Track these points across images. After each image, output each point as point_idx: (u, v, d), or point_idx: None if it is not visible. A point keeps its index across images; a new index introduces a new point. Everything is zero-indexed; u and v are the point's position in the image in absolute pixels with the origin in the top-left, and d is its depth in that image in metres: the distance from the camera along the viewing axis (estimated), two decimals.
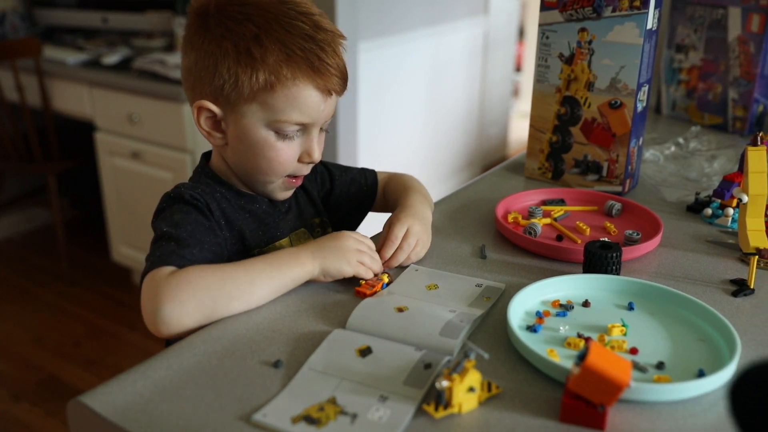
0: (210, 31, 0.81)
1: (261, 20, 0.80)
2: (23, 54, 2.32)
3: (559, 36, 1.11)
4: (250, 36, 0.79)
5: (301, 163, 0.87)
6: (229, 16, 0.81)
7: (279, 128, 0.83)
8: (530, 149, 1.20)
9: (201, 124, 0.85)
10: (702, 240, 0.97)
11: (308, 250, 0.80)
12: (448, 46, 3.18)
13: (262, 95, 0.81)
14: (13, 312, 2.49)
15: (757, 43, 1.37)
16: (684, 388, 0.62)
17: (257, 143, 0.83)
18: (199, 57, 0.82)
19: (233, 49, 0.80)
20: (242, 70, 0.80)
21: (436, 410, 0.59)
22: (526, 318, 0.75)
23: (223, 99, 0.82)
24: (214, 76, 0.81)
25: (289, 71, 0.80)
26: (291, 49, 0.80)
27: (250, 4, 0.81)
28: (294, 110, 0.82)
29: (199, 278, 0.72)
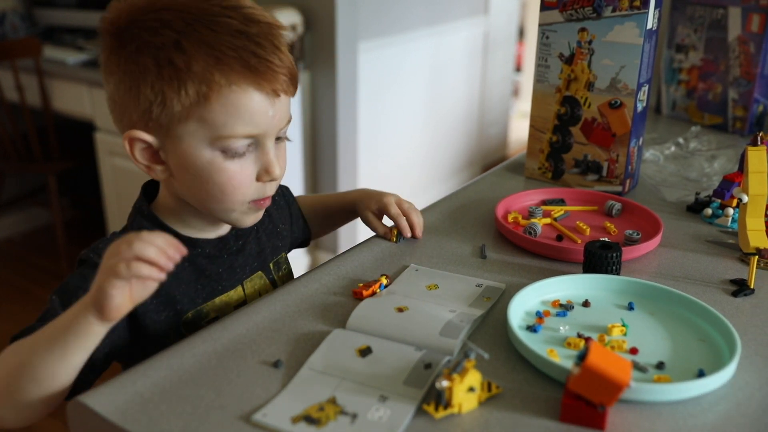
0: (125, 48, 0.69)
1: (180, 23, 0.68)
2: (23, 54, 2.32)
3: (559, 36, 1.11)
4: (170, 43, 0.67)
5: (261, 182, 0.75)
6: (143, 27, 0.69)
7: (225, 146, 0.70)
8: (530, 149, 1.20)
9: (137, 157, 0.72)
10: (702, 240, 0.97)
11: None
12: (448, 46, 3.18)
13: (197, 110, 0.69)
14: (13, 312, 2.49)
15: (757, 43, 1.37)
16: (684, 388, 0.62)
17: (203, 168, 0.71)
18: (120, 80, 0.70)
19: (153, 62, 0.68)
20: (168, 85, 0.68)
21: (436, 410, 0.59)
22: (526, 318, 0.75)
23: (154, 123, 0.70)
24: (138, 99, 0.69)
25: (222, 76, 0.68)
26: (220, 50, 0.68)
27: (166, 9, 0.69)
28: (238, 121, 0.69)
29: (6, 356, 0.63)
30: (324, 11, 2.28)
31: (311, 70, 2.38)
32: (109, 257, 0.60)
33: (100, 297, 0.59)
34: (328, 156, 2.46)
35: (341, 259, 0.90)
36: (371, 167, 2.76)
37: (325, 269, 0.87)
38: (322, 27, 2.31)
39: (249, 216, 0.77)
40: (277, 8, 2.17)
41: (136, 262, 0.58)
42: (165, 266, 0.60)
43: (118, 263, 0.58)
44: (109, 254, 0.60)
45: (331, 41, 2.31)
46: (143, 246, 0.58)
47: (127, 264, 0.58)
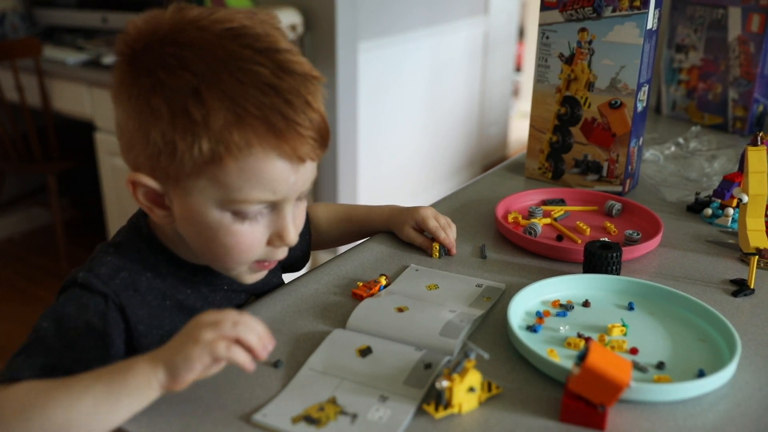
0: (138, 81, 0.61)
1: (202, 66, 0.59)
2: (23, 54, 2.32)
3: (559, 36, 1.11)
4: (187, 89, 0.59)
5: (272, 246, 0.68)
6: (161, 62, 0.60)
7: (237, 209, 0.63)
8: (530, 149, 1.20)
9: (138, 198, 0.66)
10: (702, 240, 0.97)
11: (153, 351, 0.58)
12: (448, 46, 3.18)
13: (210, 169, 0.61)
14: (12, 312, 2.49)
15: (757, 43, 1.37)
16: (684, 388, 0.62)
17: (210, 227, 0.64)
18: (129, 116, 0.63)
19: (166, 108, 0.60)
20: (180, 137, 0.60)
21: (436, 410, 0.59)
22: (526, 318, 0.75)
23: (161, 172, 0.63)
24: (147, 142, 0.62)
25: (241, 137, 0.60)
26: (243, 107, 0.59)
27: (190, 44, 0.61)
28: (255, 187, 0.62)
29: (17, 398, 0.56)
30: (324, 11, 2.28)
31: None
32: (204, 328, 0.56)
33: (181, 366, 0.55)
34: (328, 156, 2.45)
35: (341, 259, 0.90)
36: (371, 167, 2.76)
37: (325, 269, 0.87)
38: (322, 27, 2.31)
39: (251, 275, 0.71)
40: (277, 8, 2.18)
41: (236, 346, 0.56)
42: (260, 356, 0.58)
43: (218, 341, 0.56)
44: (204, 325, 0.57)
45: (331, 41, 2.31)
46: (247, 331, 0.57)
47: (228, 345, 0.56)
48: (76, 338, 0.63)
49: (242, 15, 0.64)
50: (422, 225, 0.92)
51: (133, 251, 0.70)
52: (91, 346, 0.64)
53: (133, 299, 0.68)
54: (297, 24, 2.21)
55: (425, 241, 0.92)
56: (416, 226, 0.92)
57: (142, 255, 0.70)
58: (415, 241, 0.92)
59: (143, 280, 0.69)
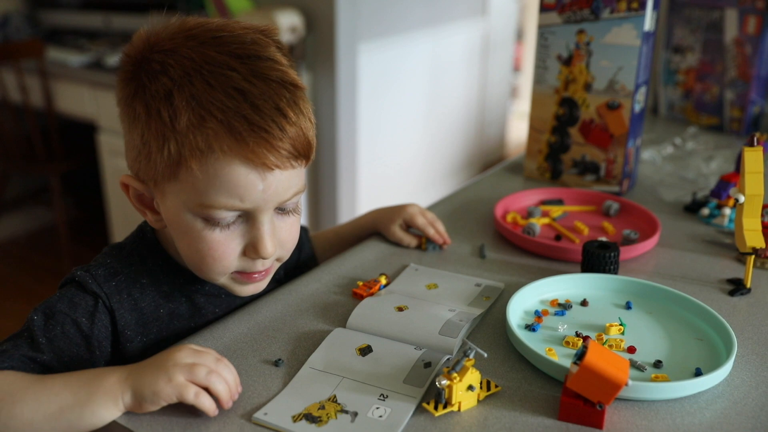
0: (128, 86, 0.64)
1: (178, 71, 0.60)
2: (27, 55, 2.33)
3: (558, 37, 1.12)
4: (162, 93, 0.60)
5: (248, 257, 0.66)
6: (147, 68, 0.62)
7: (207, 215, 0.62)
8: (529, 150, 1.21)
9: (132, 200, 0.68)
10: (699, 240, 0.98)
11: (125, 368, 0.59)
12: (448, 48, 3.18)
13: (178, 171, 0.61)
14: (16, 311, 2.50)
15: (754, 44, 1.38)
16: (681, 386, 0.62)
17: (186, 232, 0.64)
18: (121, 119, 0.66)
19: (144, 110, 0.61)
20: (154, 139, 0.61)
21: (435, 409, 0.60)
22: (524, 317, 0.75)
23: (143, 174, 0.65)
24: (132, 145, 0.64)
25: (203, 140, 0.59)
26: (207, 110, 0.59)
27: (174, 51, 0.61)
28: (219, 192, 0.61)
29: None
30: (324, 13, 2.29)
31: (312, 71, 2.39)
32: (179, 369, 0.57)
33: (148, 399, 0.57)
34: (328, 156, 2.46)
35: (341, 259, 0.90)
36: (371, 167, 2.77)
37: (326, 269, 0.87)
38: (322, 28, 2.32)
39: (241, 287, 0.69)
40: (278, 9, 2.18)
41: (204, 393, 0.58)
42: (225, 406, 0.59)
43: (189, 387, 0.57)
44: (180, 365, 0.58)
45: (332, 42, 2.31)
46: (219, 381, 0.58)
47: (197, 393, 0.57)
48: (61, 335, 0.64)
49: (240, 25, 0.64)
50: (411, 222, 0.93)
51: (134, 256, 0.71)
52: (74, 344, 0.65)
53: (125, 303, 0.69)
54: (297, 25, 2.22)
55: (413, 239, 0.93)
56: (403, 225, 0.94)
57: (142, 260, 0.71)
58: (403, 241, 0.93)
59: (138, 287, 0.70)
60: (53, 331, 0.64)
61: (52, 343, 0.64)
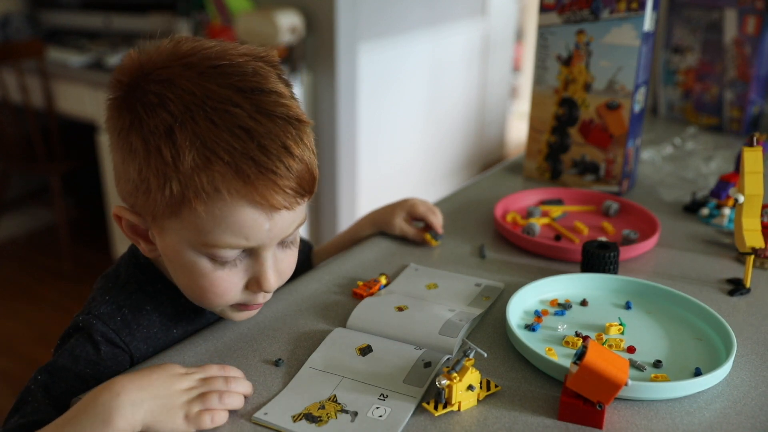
0: (121, 116, 0.60)
1: (179, 106, 0.57)
2: (27, 55, 2.33)
3: (558, 38, 1.12)
4: (162, 129, 0.57)
5: (251, 291, 0.65)
6: (143, 99, 0.59)
7: (211, 253, 0.61)
8: (529, 150, 1.21)
9: (126, 230, 0.66)
10: (699, 240, 0.98)
11: (126, 396, 0.54)
12: (448, 48, 3.18)
13: (181, 210, 0.59)
14: (17, 310, 2.50)
15: (753, 44, 1.38)
16: (681, 386, 0.63)
17: (186, 267, 0.63)
18: (114, 149, 0.63)
19: (143, 145, 0.58)
20: (153, 176, 0.58)
21: (435, 408, 0.60)
22: (524, 317, 0.75)
23: (140, 207, 0.62)
24: (127, 178, 0.61)
25: (209, 183, 0.57)
26: (213, 151, 0.56)
27: (171, 82, 0.58)
28: (225, 232, 0.59)
29: None
30: (324, 13, 2.29)
31: (312, 72, 2.39)
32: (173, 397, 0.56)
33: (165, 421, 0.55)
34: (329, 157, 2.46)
35: (341, 258, 0.90)
36: (371, 167, 2.77)
37: (326, 269, 0.87)
38: (322, 29, 2.32)
39: (237, 314, 0.69)
40: (278, 9, 2.18)
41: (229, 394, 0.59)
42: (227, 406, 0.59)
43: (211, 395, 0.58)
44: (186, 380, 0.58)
45: (332, 43, 2.31)
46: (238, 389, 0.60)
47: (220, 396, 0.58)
48: (65, 393, 0.62)
49: (238, 51, 0.61)
50: (413, 212, 0.94)
51: (131, 284, 0.69)
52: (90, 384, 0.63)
53: (137, 335, 0.67)
54: (297, 25, 2.22)
55: (418, 232, 0.94)
56: (407, 218, 0.95)
57: (140, 287, 0.69)
58: (409, 233, 0.94)
59: (145, 314, 0.68)
60: (57, 390, 0.62)
61: (57, 402, 0.62)
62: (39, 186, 3.00)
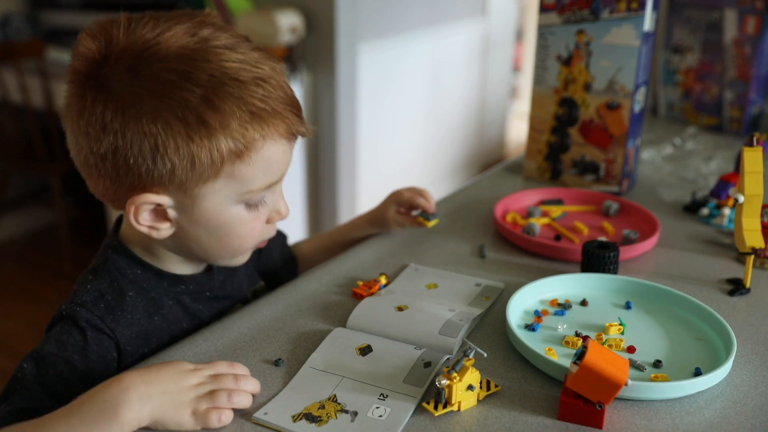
0: (132, 104, 0.62)
1: (201, 75, 0.62)
2: (27, 55, 2.33)
3: (558, 38, 1.12)
4: (197, 99, 0.61)
5: (270, 223, 0.74)
6: (155, 79, 0.62)
7: (249, 199, 0.68)
8: (529, 150, 1.21)
9: (140, 221, 0.66)
10: (699, 240, 0.98)
11: (135, 390, 0.55)
12: (448, 48, 3.18)
13: (228, 167, 0.65)
14: (17, 311, 2.50)
15: (753, 44, 1.38)
16: (681, 386, 0.63)
17: (226, 223, 0.68)
18: (124, 141, 0.62)
19: (178, 121, 0.61)
20: (197, 146, 0.62)
21: (435, 408, 0.60)
22: (524, 317, 0.75)
23: (174, 186, 0.65)
24: (155, 162, 0.63)
25: (256, 131, 0.64)
26: (251, 104, 0.63)
27: (174, 57, 0.62)
28: (266, 173, 0.67)
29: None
30: (324, 13, 2.29)
31: (312, 72, 2.39)
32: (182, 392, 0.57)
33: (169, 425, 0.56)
34: (329, 156, 2.46)
35: (341, 258, 0.91)
36: (371, 167, 2.77)
37: (326, 269, 0.87)
38: (322, 29, 2.32)
39: (246, 256, 0.76)
40: (278, 10, 2.18)
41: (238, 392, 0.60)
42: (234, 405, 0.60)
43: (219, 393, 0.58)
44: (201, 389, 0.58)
45: (332, 43, 2.32)
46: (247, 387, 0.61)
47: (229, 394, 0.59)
48: (55, 378, 0.63)
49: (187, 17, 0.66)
50: (401, 200, 0.94)
51: (112, 271, 0.70)
52: (71, 384, 0.63)
53: (122, 321, 0.68)
54: (297, 25, 2.22)
55: (412, 219, 0.94)
56: (399, 209, 0.95)
57: (121, 273, 0.71)
58: (404, 223, 0.94)
59: (127, 300, 0.70)
60: (46, 376, 0.63)
61: (48, 388, 0.62)
62: (39, 186, 3.00)
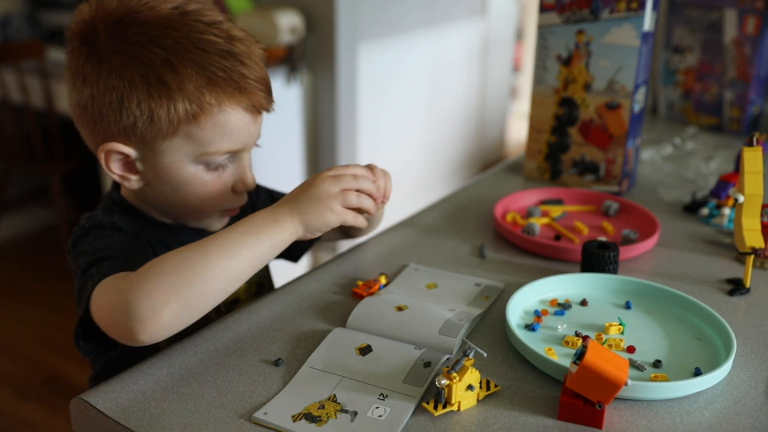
0: (107, 60, 0.69)
1: (168, 40, 0.69)
2: (27, 55, 2.33)
3: (557, 38, 1.12)
4: (160, 61, 0.68)
5: (235, 193, 0.77)
6: (128, 40, 0.69)
7: (208, 161, 0.73)
8: (529, 150, 1.21)
9: (111, 168, 0.73)
10: (699, 240, 0.98)
11: (284, 206, 0.67)
12: (447, 48, 3.18)
13: (185, 127, 0.70)
14: (17, 311, 2.50)
15: (753, 44, 1.38)
16: (681, 386, 0.63)
17: (185, 181, 0.73)
18: (98, 92, 0.70)
19: (141, 79, 0.68)
20: (156, 104, 0.68)
21: (435, 408, 0.60)
22: (524, 317, 0.75)
23: (137, 138, 0.71)
24: (121, 114, 0.69)
25: (212, 97, 0.69)
26: (210, 71, 0.69)
27: (149, 23, 0.69)
28: (224, 139, 0.72)
29: (162, 264, 0.62)
30: (324, 13, 2.29)
31: (312, 72, 2.39)
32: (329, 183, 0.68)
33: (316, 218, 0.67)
34: (328, 156, 2.46)
35: (341, 258, 0.91)
36: None
37: (325, 269, 0.87)
38: (322, 29, 2.32)
39: (218, 222, 0.81)
40: (278, 10, 2.18)
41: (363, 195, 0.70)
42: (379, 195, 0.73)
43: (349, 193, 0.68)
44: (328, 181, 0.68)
45: (332, 43, 2.32)
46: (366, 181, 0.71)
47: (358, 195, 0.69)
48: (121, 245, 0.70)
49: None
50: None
51: (106, 216, 0.75)
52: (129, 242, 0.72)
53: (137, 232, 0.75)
54: (297, 26, 2.22)
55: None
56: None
57: (121, 221, 0.75)
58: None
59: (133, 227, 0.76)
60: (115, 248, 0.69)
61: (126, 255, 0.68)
62: (39, 186, 3.00)
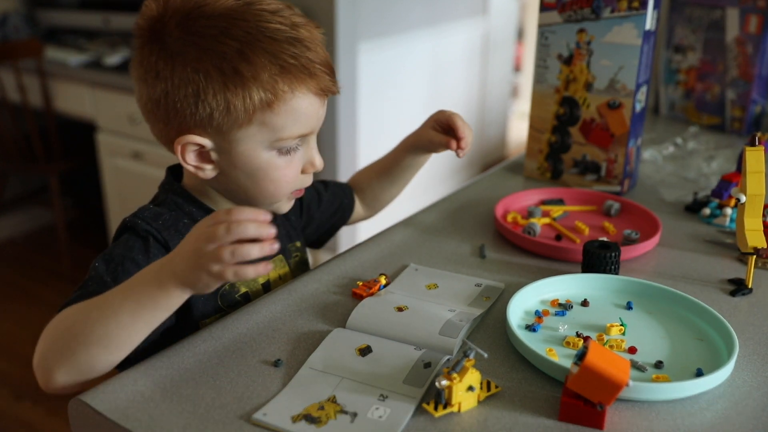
0: (180, 54, 0.72)
1: (238, 31, 0.71)
2: (25, 55, 2.33)
3: (558, 37, 1.12)
4: (233, 52, 0.71)
5: (304, 174, 0.81)
6: (198, 33, 0.71)
7: (281, 146, 0.76)
8: (529, 149, 1.21)
9: (187, 160, 0.75)
10: (700, 240, 0.98)
11: (167, 268, 0.62)
12: (448, 47, 3.18)
13: (260, 115, 0.73)
14: (15, 311, 2.50)
15: (755, 43, 1.38)
16: (682, 387, 0.62)
17: (259, 167, 0.76)
18: (172, 87, 0.72)
19: (216, 71, 0.71)
20: (232, 94, 0.71)
21: (435, 409, 0.60)
22: (525, 317, 0.75)
23: (213, 129, 0.74)
24: (197, 106, 0.72)
25: (285, 84, 0.72)
26: (282, 59, 0.72)
27: (217, 15, 0.72)
28: (296, 124, 0.75)
29: (57, 325, 0.64)
30: (324, 13, 2.29)
31: None
32: (202, 241, 0.59)
33: (194, 281, 0.60)
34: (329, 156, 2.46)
35: (341, 258, 0.90)
36: None
37: (325, 269, 0.87)
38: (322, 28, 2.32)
39: (287, 204, 0.83)
40: None
41: (241, 246, 0.58)
42: (268, 237, 0.60)
43: (221, 251, 0.58)
44: (201, 238, 0.59)
45: (331, 42, 2.31)
46: (242, 227, 0.58)
47: (232, 250, 0.58)
48: (122, 273, 0.70)
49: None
50: (440, 117, 0.95)
51: (170, 203, 0.80)
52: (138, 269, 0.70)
53: (175, 237, 0.76)
54: None
55: (445, 138, 0.93)
56: (436, 126, 0.96)
57: (178, 206, 0.80)
58: (435, 139, 0.95)
59: (182, 225, 0.78)
60: (116, 272, 0.71)
61: (117, 280, 0.69)
62: (37, 186, 3.00)
